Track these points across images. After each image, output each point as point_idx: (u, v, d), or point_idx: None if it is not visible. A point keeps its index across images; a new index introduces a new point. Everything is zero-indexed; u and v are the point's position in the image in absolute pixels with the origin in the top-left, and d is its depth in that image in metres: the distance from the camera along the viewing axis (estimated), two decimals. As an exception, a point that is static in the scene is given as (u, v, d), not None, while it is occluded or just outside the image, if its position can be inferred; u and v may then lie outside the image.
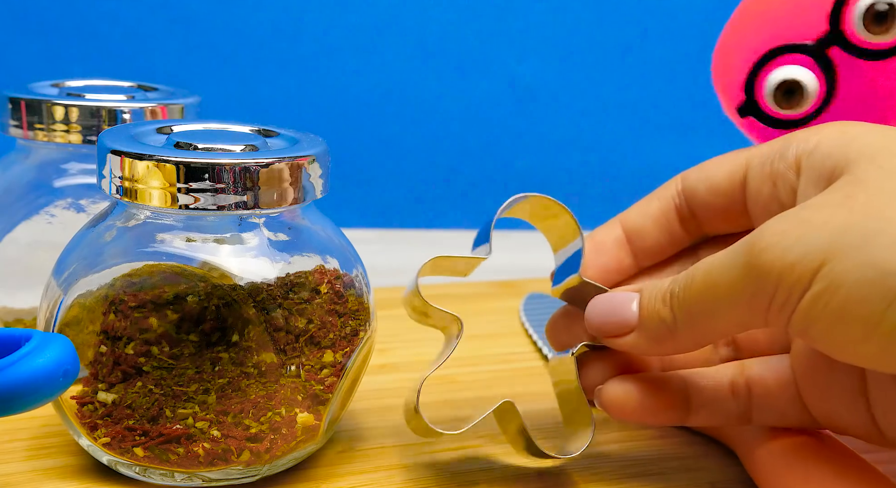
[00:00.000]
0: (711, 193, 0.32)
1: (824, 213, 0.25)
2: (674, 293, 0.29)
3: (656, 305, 0.29)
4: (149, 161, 0.29)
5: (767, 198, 0.30)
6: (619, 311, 0.30)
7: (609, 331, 0.30)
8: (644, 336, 0.30)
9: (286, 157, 0.30)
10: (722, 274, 0.27)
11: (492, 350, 0.45)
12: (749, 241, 0.26)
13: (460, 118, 0.74)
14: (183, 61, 0.70)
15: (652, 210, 0.33)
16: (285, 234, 0.32)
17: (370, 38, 0.72)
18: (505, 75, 0.74)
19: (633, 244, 0.33)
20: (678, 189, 0.33)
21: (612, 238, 0.33)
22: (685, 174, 0.33)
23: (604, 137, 0.75)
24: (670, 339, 0.29)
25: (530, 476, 0.33)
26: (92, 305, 0.31)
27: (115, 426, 0.30)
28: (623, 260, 0.33)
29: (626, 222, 0.33)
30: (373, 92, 0.73)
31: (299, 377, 0.31)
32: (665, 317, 0.29)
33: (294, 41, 0.71)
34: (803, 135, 0.29)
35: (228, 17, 0.70)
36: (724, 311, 0.27)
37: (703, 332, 0.28)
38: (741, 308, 0.27)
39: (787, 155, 0.29)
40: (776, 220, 0.26)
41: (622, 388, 0.31)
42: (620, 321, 0.30)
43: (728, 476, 0.34)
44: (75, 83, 0.43)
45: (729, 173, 0.31)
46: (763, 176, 0.30)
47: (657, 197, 0.33)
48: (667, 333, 0.29)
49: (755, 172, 0.30)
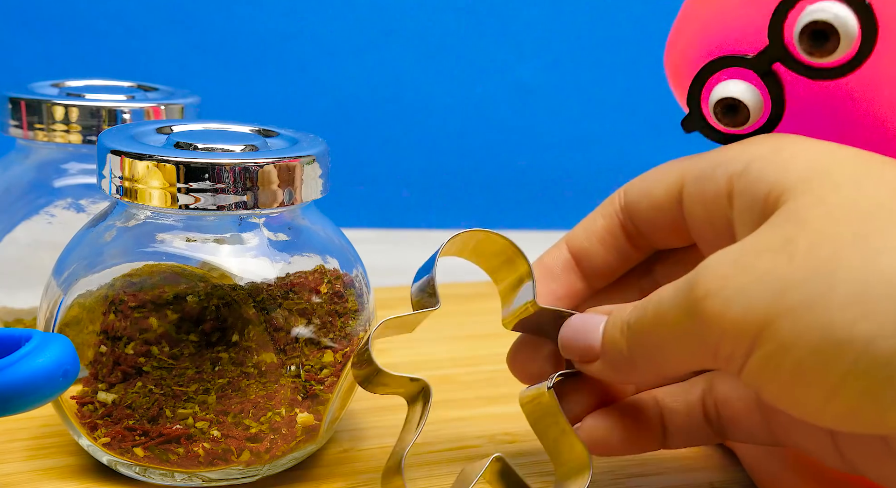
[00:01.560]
0: (652, 209, 0.29)
1: (765, 261, 0.23)
2: (629, 324, 0.26)
3: (615, 334, 0.27)
4: (149, 161, 0.29)
5: (703, 220, 0.28)
6: (587, 335, 0.28)
7: (576, 356, 0.28)
8: (607, 365, 0.28)
9: (286, 157, 0.30)
10: (668, 312, 0.25)
11: (491, 350, 0.45)
12: (690, 283, 0.24)
13: (460, 118, 0.74)
14: (183, 61, 0.70)
15: (597, 228, 0.31)
16: (285, 234, 0.32)
17: (370, 38, 0.72)
18: (505, 75, 0.74)
19: (581, 266, 0.31)
20: (621, 204, 0.30)
21: (560, 261, 0.31)
22: (627, 187, 0.30)
23: (604, 137, 0.75)
24: (630, 371, 0.27)
25: (530, 475, 0.33)
26: (92, 305, 0.31)
27: (115, 426, 0.30)
28: (574, 284, 0.31)
29: (572, 243, 0.31)
30: (373, 92, 0.73)
31: (299, 377, 0.31)
32: (622, 348, 0.27)
33: (294, 41, 0.71)
34: (732, 152, 0.27)
35: (228, 17, 0.70)
36: (673, 351, 0.25)
37: (658, 368, 0.26)
38: (687, 350, 0.25)
39: (716, 177, 0.27)
40: (716, 263, 0.24)
41: (601, 425, 0.30)
42: (586, 346, 0.28)
43: (728, 476, 0.34)
44: (75, 83, 0.43)
45: (666, 189, 0.29)
46: (696, 197, 0.28)
47: (601, 214, 0.31)
48: (625, 365, 0.27)
49: (689, 191, 0.28)
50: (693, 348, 0.25)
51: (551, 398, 0.30)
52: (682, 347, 0.25)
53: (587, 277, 0.31)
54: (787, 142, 0.26)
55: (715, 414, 0.30)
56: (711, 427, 0.30)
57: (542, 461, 0.34)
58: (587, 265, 0.31)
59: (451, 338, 0.46)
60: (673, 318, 0.25)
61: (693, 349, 0.25)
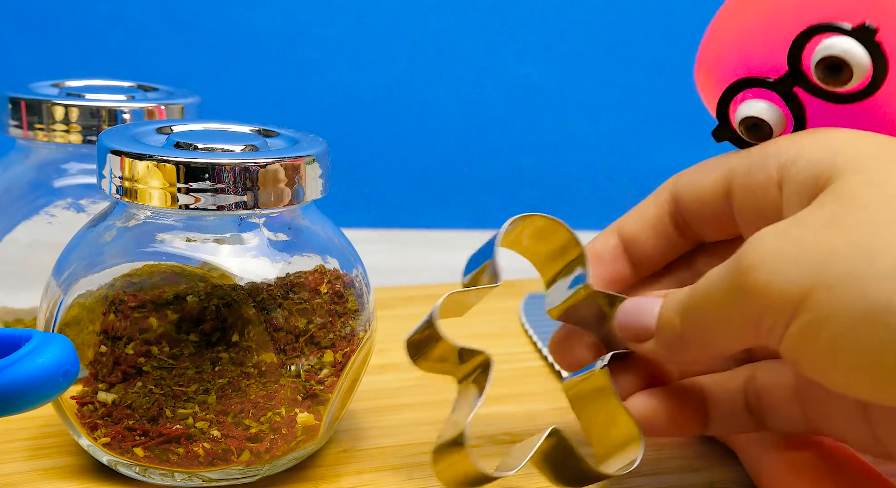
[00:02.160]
0: (699, 202, 0.31)
1: (811, 234, 0.24)
2: (684, 304, 0.28)
3: (670, 313, 0.28)
4: (149, 161, 0.29)
5: (751, 211, 0.29)
6: (643, 317, 0.29)
7: (631, 335, 0.30)
8: (660, 344, 0.29)
9: (286, 157, 0.30)
10: (715, 288, 0.26)
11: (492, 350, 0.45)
12: (736, 258, 0.25)
13: (460, 118, 0.74)
14: (183, 61, 0.70)
15: (648, 216, 0.32)
16: (285, 234, 0.32)
17: (370, 38, 0.72)
18: (505, 75, 0.74)
19: (630, 252, 0.32)
20: (672, 194, 0.32)
21: (610, 247, 0.32)
22: (677, 178, 0.32)
23: (604, 137, 0.75)
24: (682, 350, 0.28)
25: (530, 475, 0.33)
26: (92, 305, 0.31)
27: (115, 426, 0.30)
28: (621, 270, 0.32)
29: (622, 230, 0.32)
30: (373, 92, 0.73)
31: (299, 377, 0.31)
32: (677, 327, 0.28)
33: (294, 41, 0.71)
34: (784, 143, 0.28)
35: (228, 17, 0.70)
36: (721, 332, 0.27)
37: (709, 346, 0.28)
38: (733, 325, 0.26)
39: (767, 165, 0.28)
40: (764, 236, 0.25)
41: (647, 405, 0.31)
42: (642, 326, 0.29)
43: (728, 476, 0.34)
44: (75, 83, 0.43)
45: (714, 182, 0.30)
46: (746, 188, 0.29)
47: (653, 202, 0.32)
48: (678, 343, 0.28)
49: (739, 183, 0.29)
50: (738, 322, 0.26)
51: (604, 376, 0.31)
52: (728, 322, 0.26)
53: (634, 264, 0.32)
54: (837, 132, 0.28)
55: (756, 403, 0.31)
56: (752, 415, 0.31)
57: (542, 461, 0.34)
58: (636, 252, 0.32)
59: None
60: (720, 294, 0.26)
61: (738, 323, 0.26)
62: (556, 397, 0.40)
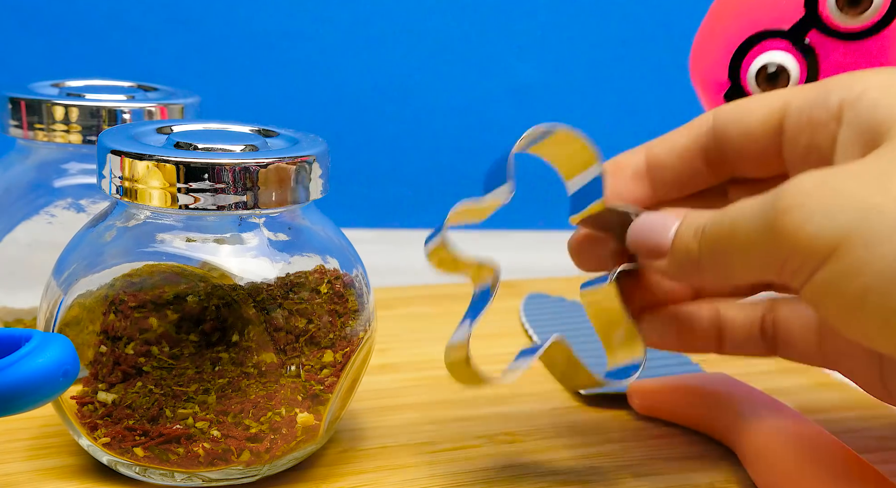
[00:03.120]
0: (744, 137, 0.30)
1: (856, 186, 0.24)
2: (704, 230, 0.28)
3: (688, 237, 0.28)
4: (149, 161, 0.29)
5: (806, 147, 0.29)
6: (656, 234, 0.29)
7: (644, 251, 0.30)
8: (673, 264, 0.29)
9: (286, 157, 0.30)
10: (744, 222, 0.26)
11: (492, 350, 0.45)
12: (774, 196, 0.25)
13: (460, 118, 0.74)
14: (183, 61, 0.70)
15: (679, 144, 0.32)
16: (285, 234, 0.32)
17: (370, 38, 0.72)
18: (505, 75, 0.74)
19: (652, 175, 0.32)
20: (709, 126, 0.31)
21: (633, 165, 0.32)
22: (718, 111, 0.31)
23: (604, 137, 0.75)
24: (695, 273, 0.29)
25: (530, 475, 0.33)
26: (92, 305, 0.31)
27: (115, 426, 0.30)
28: (640, 189, 0.32)
29: (650, 152, 0.32)
30: (372, 92, 0.73)
31: (299, 377, 0.31)
32: (692, 251, 0.28)
33: (294, 41, 0.71)
34: (847, 80, 0.28)
35: (228, 17, 0.70)
36: (741, 262, 0.27)
37: (724, 274, 0.28)
38: (757, 263, 0.26)
39: (829, 102, 0.28)
40: (805, 179, 0.25)
41: (658, 321, 0.32)
42: (656, 244, 0.29)
43: (728, 476, 0.34)
44: (75, 83, 0.43)
45: (764, 117, 0.30)
46: (802, 123, 0.29)
47: (686, 131, 0.32)
48: (692, 267, 0.28)
49: (793, 119, 0.29)
50: (761, 258, 0.26)
51: (613, 290, 0.32)
52: (750, 256, 0.26)
53: (655, 187, 0.32)
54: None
55: (772, 332, 0.32)
56: (766, 343, 0.33)
57: (542, 461, 0.34)
58: (659, 176, 0.32)
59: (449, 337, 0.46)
60: (749, 228, 0.26)
61: (761, 259, 0.26)
62: (556, 397, 0.40)
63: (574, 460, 0.34)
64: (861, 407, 0.39)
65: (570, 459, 0.35)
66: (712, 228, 0.27)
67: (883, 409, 0.39)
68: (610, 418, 0.38)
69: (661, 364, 0.42)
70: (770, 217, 0.25)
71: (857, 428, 0.38)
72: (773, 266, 0.25)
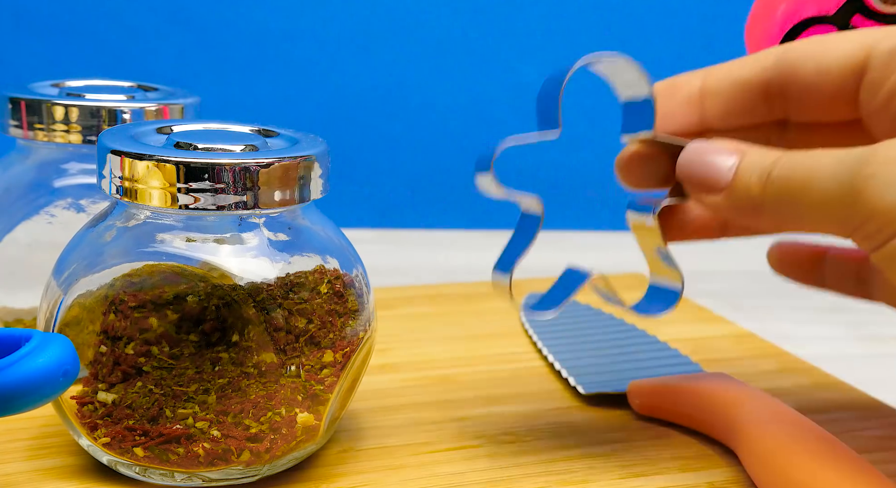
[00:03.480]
0: (819, 74, 0.29)
1: None
2: (771, 176, 0.27)
3: (752, 178, 0.27)
4: (149, 161, 0.29)
5: (891, 90, 0.28)
6: (714, 169, 0.28)
7: (697, 184, 0.29)
8: (729, 202, 0.28)
9: (286, 157, 0.30)
10: (821, 180, 0.25)
11: (492, 350, 0.45)
12: (860, 160, 0.25)
13: (460, 118, 0.74)
14: (183, 61, 0.70)
15: (739, 76, 0.31)
16: (285, 234, 0.32)
17: (370, 37, 0.72)
18: (505, 75, 0.74)
19: (706, 101, 0.31)
20: (777, 60, 0.30)
21: (688, 88, 0.31)
22: (788, 47, 0.30)
23: (604, 137, 0.75)
24: (752, 215, 0.28)
25: (531, 475, 0.33)
26: (92, 305, 0.31)
27: (115, 426, 0.30)
28: (690, 113, 0.32)
29: (707, 78, 0.31)
30: (373, 92, 0.73)
31: (299, 377, 0.31)
32: (755, 194, 0.27)
33: (294, 41, 0.71)
34: None
35: (228, 17, 0.70)
36: (812, 216, 0.26)
37: (785, 224, 0.27)
38: (829, 220, 0.26)
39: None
40: (893, 147, 0.24)
41: None
42: (712, 179, 0.28)
43: (728, 476, 0.34)
44: (75, 83, 0.43)
45: (846, 55, 0.29)
46: (890, 65, 0.28)
47: (749, 64, 0.31)
48: (751, 209, 0.28)
49: (880, 60, 0.28)
50: (834, 215, 0.25)
51: (655, 226, 0.31)
52: (821, 212, 0.26)
53: (706, 113, 0.32)
54: None
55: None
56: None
57: (542, 461, 0.34)
58: (712, 103, 0.31)
59: (451, 338, 0.46)
60: (827, 185, 0.25)
61: (832, 219, 0.26)
62: (557, 397, 0.40)
63: (574, 460, 0.34)
64: (861, 407, 0.39)
65: (570, 459, 0.35)
66: (782, 175, 0.27)
67: (883, 409, 0.39)
68: (610, 418, 0.38)
69: (661, 364, 0.42)
70: (853, 179, 0.25)
71: (857, 428, 0.38)
72: (847, 226, 0.25)
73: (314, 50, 0.72)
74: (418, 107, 0.74)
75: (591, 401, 0.40)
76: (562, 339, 0.45)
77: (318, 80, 0.72)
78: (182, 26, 0.70)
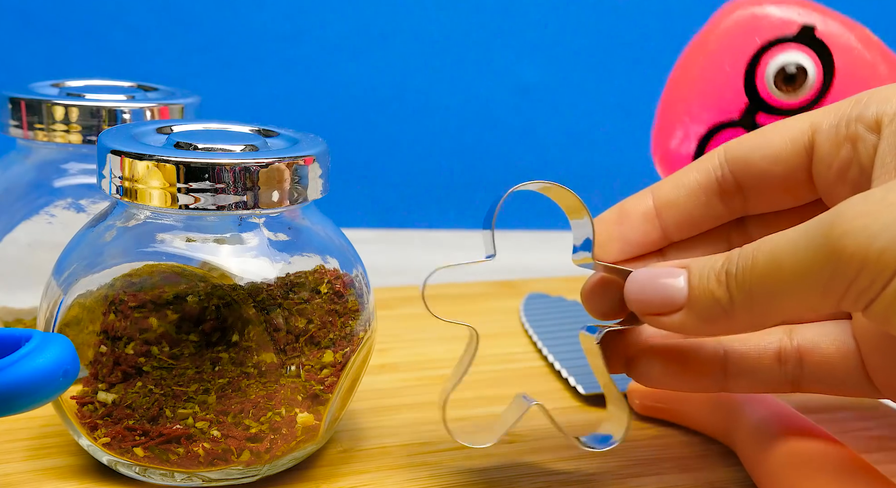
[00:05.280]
0: (769, 161, 0.29)
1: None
2: (731, 273, 0.27)
3: (710, 284, 0.27)
4: (149, 161, 0.29)
5: (842, 164, 0.28)
6: (665, 288, 0.28)
7: (653, 308, 0.28)
8: (694, 316, 0.28)
9: (286, 157, 0.30)
10: (792, 255, 0.25)
11: (492, 350, 0.45)
12: (827, 222, 0.24)
13: (460, 118, 0.74)
14: (183, 61, 0.70)
15: (689, 182, 0.31)
16: (285, 234, 0.32)
17: (370, 38, 0.72)
18: (505, 75, 0.74)
19: (662, 217, 0.31)
20: (721, 160, 0.30)
21: (641, 209, 0.31)
22: (729, 145, 0.30)
23: (604, 137, 0.75)
24: (724, 321, 0.27)
25: (531, 475, 0.33)
26: (92, 305, 0.31)
27: (115, 426, 0.30)
28: (649, 233, 0.31)
29: (657, 193, 0.31)
30: (373, 92, 0.73)
31: (299, 377, 0.31)
32: (720, 297, 0.27)
33: (294, 41, 0.71)
34: (883, 93, 0.28)
35: (228, 17, 0.70)
36: (791, 294, 0.26)
37: (763, 315, 0.27)
38: (812, 292, 0.25)
39: (865, 115, 0.27)
40: (857, 202, 0.24)
41: (657, 364, 0.31)
42: (665, 298, 0.28)
43: (728, 476, 0.34)
44: (75, 83, 0.43)
45: (790, 139, 0.29)
46: (838, 139, 0.28)
47: (695, 168, 0.31)
48: (721, 314, 0.27)
49: (826, 136, 0.28)
50: (818, 289, 0.25)
51: (599, 350, 0.31)
52: (802, 290, 0.25)
53: (665, 229, 0.31)
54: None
55: (795, 360, 0.31)
56: (785, 373, 0.31)
57: (542, 461, 0.34)
58: (669, 216, 0.31)
59: (451, 338, 0.46)
60: (798, 261, 0.25)
61: (817, 291, 0.25)
62: (556, 397, 0.40)
63: (574, 460, 0.34)
64: (861, 407, 0.39)
65: (570, 459, 0.35)
66: (745, 265, 0.26)
67: (883, 409, 0.39)
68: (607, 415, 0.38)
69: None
70: (828, 243, 0.24)
71: (857, 428, 0.38)
72: (835, 292, 0.25)
73: (314, 50, 0.72)
74: (418, 107, 0.74)
75: (591, 401, 0.40)
76: (562, 339, 0.45)
77: (318, 81, 0.72)
78: (182, 26, 0.70)
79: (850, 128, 0.28)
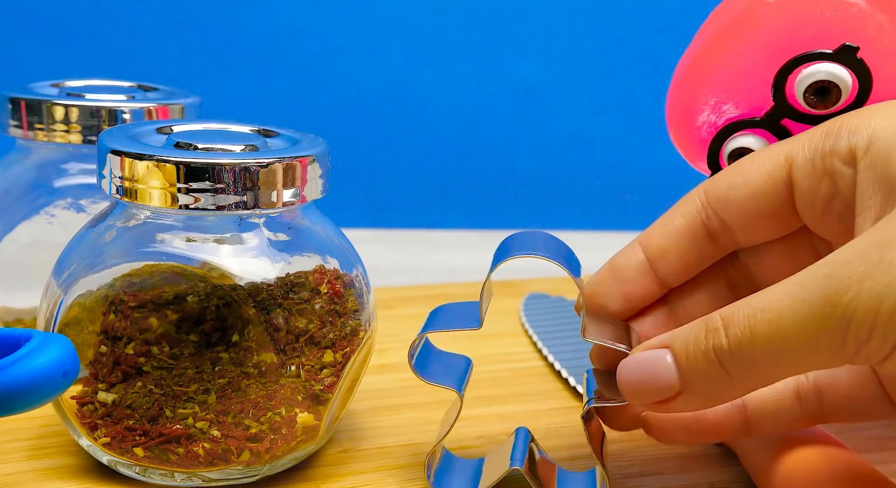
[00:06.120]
0: (751, 199, 0.29)
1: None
2: (721, 348, 0.26)
3: (699, 365, 0.26)
4: (149, 161, 0.29)
5: (826, 198, 0.28)
6: (655, 376, 0.27)
7: (652, 398, 0.27)
8: (695, 396, 0.27)
9: (286, 157, 0.30)
10: (799, 325, 0.24)
11: (492, 350, 0.45)
12: (827, 287, 0.24)
13: (460, 118, 0.74)
14: (183, 61, 0.70)
15: (675, 227, 0.31)
16: (285, 234, 0.32)
17: (370, 38, 0.72)
18: (505, 75, 0.74)
19: (657, 268, 0.31)
20: (703, 202, 0.30)
21: (634, 264, 0.31)
22: (707, 185, 0.30)
23: (604, 137, 0.75)
24: (725, 392, 0.26)
25: (530, 476, 0.33)
26: (92, 305, 0.31)
27: (115, 426, 0.30)
28: (647, 285, 0.31)
29: (646, 244, 0.31)
30: (373, 92, 0.73)
31: (299, 377, 0.31)
32: (716, 375, 0.26)
33: (294, 41, 0.71)
34: (853, 122, 0.27)
35: (228, 17, 0.70)
36: (798, 358, 0.25)
37: (768, 379, 0.26)
38: (822, 354, 0.24)
39: (839, 148, 0.27)
40: (856, 264, 0.24)
41: (670, 428, 0.30)
42: (659, 385, 0.27)
43: (728, 476, 0.34)
44: (75, 83, 0.43)
45: (768, 174, 0.29)
46: (815, 174, 0.28)
47: (679, 213, 0.31)
48: (721, 390, 0.26)
49: (803, 171, 0.28)
50: (827, 351, 0.24)
51: (583, 425, 0.30)
52: (810, 353, 0.25)
53: (662, 277, 0.31)
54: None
55: (815, 396, 0.30)
56: (806, 410, 0.31)
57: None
58: (663, 265, 0.31)
59: (451, 338, 0.46)
60: (803, 327, 0.24)
61: (826, 352, 0.24)
62: (556, 397, 0.40)
63: (574, 460, 0.34)
64: (861, 407, 0.39)
65: (570, 459, 0.35)
66: (741, 339, 0.25)
67: (883, 409, 0.39)
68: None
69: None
70: (834, 309, 0.24)
71: (857, 428, 0.38)
72: (846, 352, 0.24)
73: (314, 50, 0.72)
74: (418, 107, 0.74)
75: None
76: (562, 339, 0.45)
77: (319, 80, 0.72)
78: (182, 26, 0.70)
79: (825, 162, 0.28)
